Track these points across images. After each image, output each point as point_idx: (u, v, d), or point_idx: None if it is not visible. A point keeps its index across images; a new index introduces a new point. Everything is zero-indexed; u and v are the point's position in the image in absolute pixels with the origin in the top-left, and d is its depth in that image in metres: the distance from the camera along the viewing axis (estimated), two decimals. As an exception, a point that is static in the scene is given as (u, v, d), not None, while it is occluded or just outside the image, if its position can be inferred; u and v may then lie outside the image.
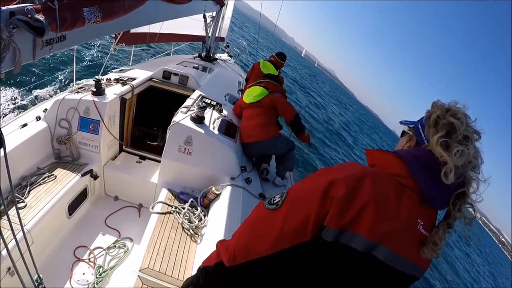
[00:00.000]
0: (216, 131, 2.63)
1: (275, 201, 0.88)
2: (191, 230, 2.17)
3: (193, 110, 2.65)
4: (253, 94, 2.99)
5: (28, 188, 2.17)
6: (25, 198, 2.10)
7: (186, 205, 2.35)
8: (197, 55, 5.39)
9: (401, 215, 0.80)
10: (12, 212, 1.84)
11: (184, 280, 1.80)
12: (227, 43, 7.11)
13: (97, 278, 2.16)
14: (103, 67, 4.62)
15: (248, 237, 0.87)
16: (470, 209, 0.86)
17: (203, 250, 2.01)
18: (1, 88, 5.22)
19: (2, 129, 1.02)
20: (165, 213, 2.26)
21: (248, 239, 0.86)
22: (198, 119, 2.56)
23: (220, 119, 2.83)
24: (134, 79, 3.18)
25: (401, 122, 1.06)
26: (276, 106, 2.98)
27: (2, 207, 1.18)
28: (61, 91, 4.97)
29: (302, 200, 0.83)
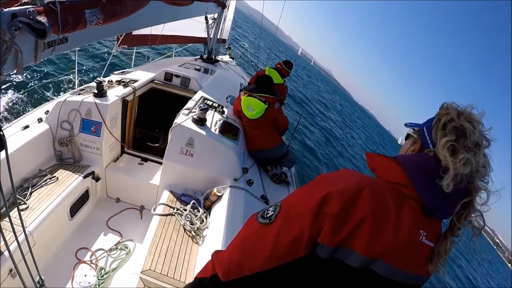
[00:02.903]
0: (217, 133, 2.63)
1: (268, 215, 0.84)
2: (192, 232, 2.16)
3: (195, 112, 2.65)
4: (253, 108, 3.04)
5: (29, 190, 2.18)
6: (26, 200, 2.10)
7: (188, 207, 2.35)
8: (198, 57, 5.40)
9: (402, 228, 0.76)
10: (14, 214, 1.86)
11: (185, 283, 1.80)
12: (229, 44, 7.12)
13: (98, 279, 2.16)
14: (105, 69, 4.64)
15: (241, 252, 0.84)
16: (477, 219, 0.80)
17: (204, 251, 2.01)
18: (2, 90, 5.24)
19: (3, 131, 1.01)
20: (167, 215, 2.25)
21: (241, 255, 0.84)
22: (200, 121, 2.56)
23: (221, 121, 2.83)
24: (136, 81, 3.19)
25: (406, 125, 1.01)
26: (276, 119, 3.16)
27: (4, 208, 1.18)
28: (63, 93, 4.99)
29: (295, 216, 0.79)
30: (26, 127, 2.44)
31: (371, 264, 0.75)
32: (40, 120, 2.57)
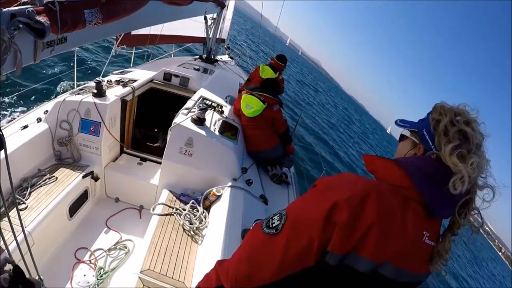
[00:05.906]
0: (217, 133, 2.63)
1: (274, 225, 0.83)
2: (192, 232, 2.17)
3: (194, 111, 2.65)
4: (251, 106, 3.06)
5: (29, 189, 2.17)
6: (26, 200, 2.10)
7: (187, 207, 2.35)
8: (198, 56, 5.40)
9: (407, 231, 0.77)
10: (13, 213, 1.85)
11: (184, 283, 1.80)
12: (228, 44, 7.12)
13: (98, 279, 2.16)
14: (104, 69, 4.63)
15: (248, 264, 0.83)
16: (476, 216, 0.83)
17: (204, 251, 2.01)
18: (2, 90, 5.22)
19: (3, 131, 1.02)
20: (166, 215, 2.25)
21: (248, 267, 0.83)
22: (199, 121, 2.56)
23: (221, 121, 2.84)
24: (135, 80, 3.19)
25: (397, 124, 1.00)
26: (274, 120, 3.17)
27: (3, 208, 1.18)
28: (62, 93, 4.98)
29: (303, 225, 0.79)
30: (25, 127, 2.44)
31: (379, 267, 0.77)
32: (39, 120, 2.57)
